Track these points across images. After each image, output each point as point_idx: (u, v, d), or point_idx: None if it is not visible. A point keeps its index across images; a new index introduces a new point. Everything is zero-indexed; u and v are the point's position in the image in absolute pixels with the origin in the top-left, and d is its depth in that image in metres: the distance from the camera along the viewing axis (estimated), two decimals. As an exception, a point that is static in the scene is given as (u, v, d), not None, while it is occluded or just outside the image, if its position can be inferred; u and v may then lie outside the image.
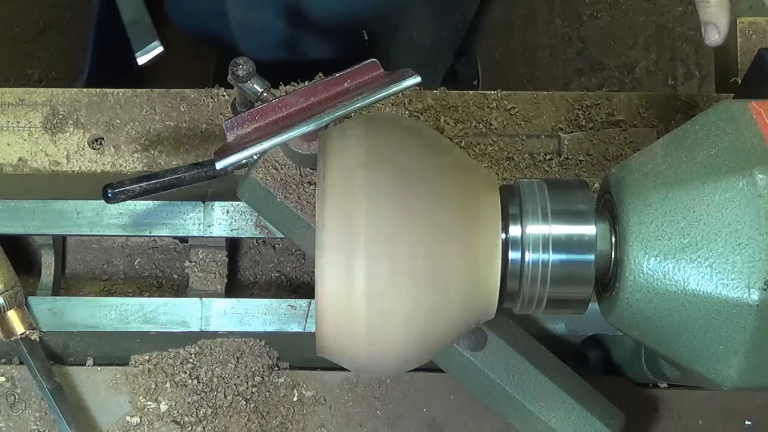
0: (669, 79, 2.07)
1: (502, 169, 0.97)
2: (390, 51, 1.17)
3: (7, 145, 0.98)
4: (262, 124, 0.70)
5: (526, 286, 0.63)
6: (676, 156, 0.63)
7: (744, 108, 0.63)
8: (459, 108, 1.00)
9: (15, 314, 0.85)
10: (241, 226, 0.88)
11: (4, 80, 1.89)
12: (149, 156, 0.98)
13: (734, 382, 0.60)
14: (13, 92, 1.00)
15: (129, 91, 1.00)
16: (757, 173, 0.58)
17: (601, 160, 0.98)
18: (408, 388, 0.88)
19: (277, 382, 0.89)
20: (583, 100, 1.01)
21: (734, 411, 0.88)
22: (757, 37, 1.04)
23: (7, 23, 1.94)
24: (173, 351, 0.88)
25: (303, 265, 0.95)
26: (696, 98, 1.02)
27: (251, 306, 0.87)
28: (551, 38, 2.09)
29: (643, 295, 0.61)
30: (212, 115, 0.99)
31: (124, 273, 0.97)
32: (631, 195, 0.63)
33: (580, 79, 2.06)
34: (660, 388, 0.89)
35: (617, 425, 0.80)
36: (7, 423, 0.87)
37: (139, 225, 0.88)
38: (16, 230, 0.88)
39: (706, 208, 0.59)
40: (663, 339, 0.63)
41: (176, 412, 0.87)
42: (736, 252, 0.58)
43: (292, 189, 0.79)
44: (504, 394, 0.79)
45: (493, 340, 0.79)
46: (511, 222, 0.63)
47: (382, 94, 0.68)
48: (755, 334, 0.58)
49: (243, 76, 0.76)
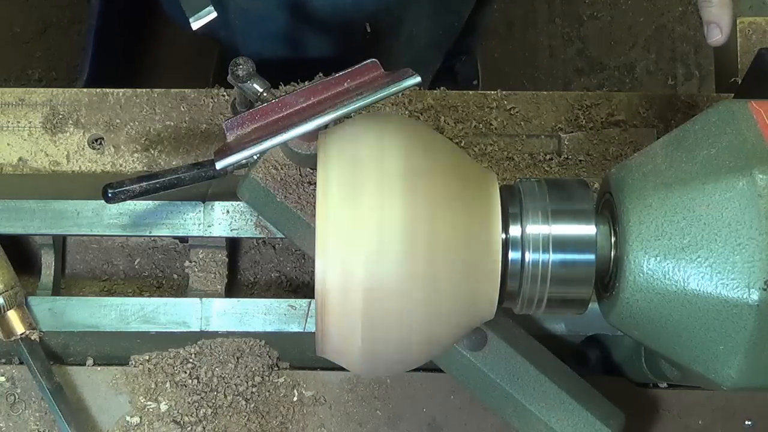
0: (669, 79, 2.07)
1: (502, 169, 0.97)
2: (390, 46, 1.17)
3: (7, 145, 0.98)
4: (262, 124, 0.70)
5: (526, 286, 0.63)
6: (676, 156, 0.63)
7: (744, 108, 0.63)
8: (459, 108, 1.00)
9: (15, 314, 0.85)
10: (241, 226, 0.88)
11: (4, 80, 1.89)
12: (149, 156, 0.98)
13: (734, 382, 0.60)
14: (13, 92, 1.00)
15: (129, 91, 1.00)
16: (757, 173, 0.58)
17: (601, 160, 0.98)
18: (408, 388, 0.88)
19: (277, 382, 0.89)
20: (583, 100, 1.01)
21: (734, 411, 0.88)
22: (757, 37, 1.04)
23: (7, 23, 1.94)
24: (173, 351, 0.88)
25: (303, 265, 0.95)
26: (696, 98, 1.02)
27: (251, 306, 0.87)
28: (551, 38, 2.09)
29: (643, 295, 0.61)
30: (212, 115, 0.99)
31: (124, 273, 0.97)
32: (631, 195, 0.63)
33: (580, 79, 2.06)
34: (660, 388, 0.89)
35: (617, 425, 0.80)
36: (7, 423, 0.87)
37: (139, 225, 0.88)
38: (16, 230, 0.88)
39: (706, 208, 0.59)
40: (663, 339, 0.63)
41: (176, 412, 0.87)
42: (736, 252, 0.58)
43: (292, 189, 0.79)
44: (504, 394, 0.79)
45: (493, 340, 0.79)
46: (511, 222, 0.63)
47: (382, 94, 0.68)
48: (755, 334, 0.58)
49: (243, 76, 0.76)
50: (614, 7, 2.10)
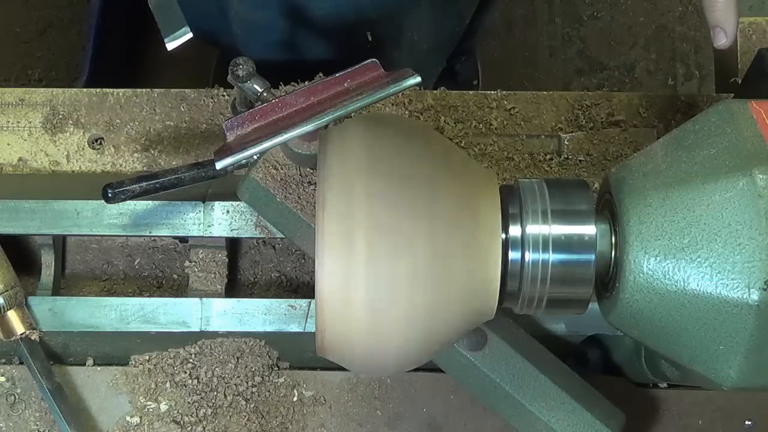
0: (669, 79, 2.07)
1: (502, 169, 0.97)
2: (392, 54, 1.17)
3: (7, 145, 0.98)
4: (262, 124, 0.70)
5: (526, 286, 0.63)
6: (676, 156, 0.63)
7: (744, 108, 0.63)
8: (459, 108, 1.00)
9: (15, 314, 0.85)
10: (241, 226, 0.88)
11: (4, 80, 1.89)
12: (149, 156, 0.98)
13: (734, 382, 0.60)
14: (13, 92, 1.00)
15: (129, 91, 1.00)
16: (757, 173, 0.58)
17: (601, 160, 0.98)
18: (408, 388, 0.88)
19: (277, 382, 0.89)
20: (583, 100, 1.01)
21: (734, 411, 0.88)
22: (757, 37, 1.04)
23: (7, 23, 1.94)
24: (173, 351, 0.88)
25: (303, 265, 0.95)
26: (696, 98, 1.02)
27: (251, 306, 0.87)
28: (551, 38, 2.09)
29: (643, 295, 0.61)
30: (212, 115, 0.99)
31: (124, 273, 0.97)
32: (631, 195, 0.63)
33: (580, 79, 2.06)
34: (660, 388, 0.89)
35: (617, 425, 0.80)
36: (7, 423, 0.87)
37: (139, 225, 0.88)
38: (16, 230, 0.88)
39: (706, 208, 0.59)
40: (663, 339, 0.63)
41: (176, 412, 0.87)
42: (736, 252, 0.58)
43: (292, 189, 0.79)
44: (504, 394, 0.79)
45: (493, 340, 0.79)
46: (511, 222, 0.63)
47: (382, 94, 0.68)
48: (755, 334, 0.58)
49: (243, 76, 0.76)
50: (614, 7, 2.10)
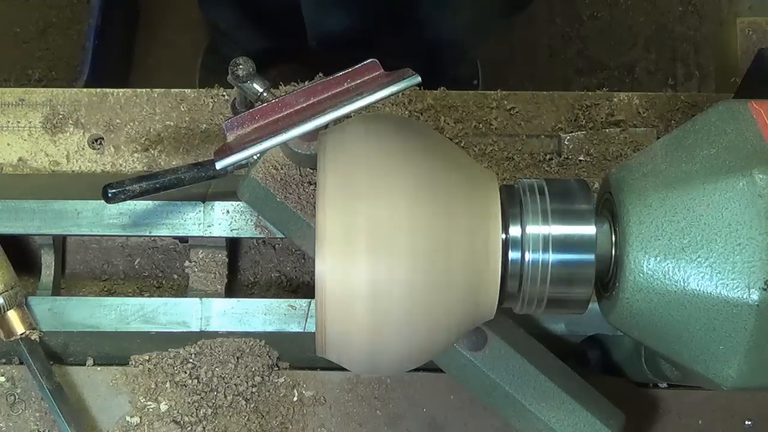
0: (669, 79, 2.06)
1: (502, 169, 0.97)
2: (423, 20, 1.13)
3: (7, 145, 0.98)
4: (262, 124, 0.70)
5: (526, 286, 0.63)
6: (676, 156, 0.63)
7: (744, 108, 0.63)
8: (459, 108, 1.00)
9: (15, 314, 0.85)
10: (241, 226, 0.88)
11: (4, 80, 1.89)
12: (149, 156, 0.98)
13: (734, 383, 0.60)
14: (13, 92, 1.00)
15: (129, 91, 1.00)
16: (757, 173, 0.58)
17: (601, 160, 0.98)
18: (408, 388, 0.88)
19: (277, 382, 0.89)
20: (583, 100, 1.01)
21: (734, 411, 0.88)
22: (757, 37, 1.04)
23: (7, 23, 1.94)
24: (173, 351, 0.88)
25: (303, 265, 0.95)
26: (696, 98, 1.02)
27: (251, 306, 0.87)
28: (551, 38, 2.09)
29: (643, 295, 0.61)
30: (212, 115, 0.99)
31: (124, 273, 0.97)
32: (631, 195, 0.63)
33: (580, 79, 2.06)
34: (660, 388, 0.89)
35: (617, 425, 0.80)
36: (7, 423, 0.87)
37: (139, 225, 0.88)
38: (16, 230, 0.88)
39: (706, 208, 0.59)
40: (663, 339, 0.63)
41: (176, 412, 0.87)
42: (736, 252, 0.58)
43: (292, 189, 0.79)
44: (504, 394, 0.79)
45: (493, 340, 0.79)
46: (511, 222, 0.63)
47: (382, 94, 0.67)
48: (755, 334, 0.58)
49: (243, 76, 0.76)
50: (614, 7, 2.10)
